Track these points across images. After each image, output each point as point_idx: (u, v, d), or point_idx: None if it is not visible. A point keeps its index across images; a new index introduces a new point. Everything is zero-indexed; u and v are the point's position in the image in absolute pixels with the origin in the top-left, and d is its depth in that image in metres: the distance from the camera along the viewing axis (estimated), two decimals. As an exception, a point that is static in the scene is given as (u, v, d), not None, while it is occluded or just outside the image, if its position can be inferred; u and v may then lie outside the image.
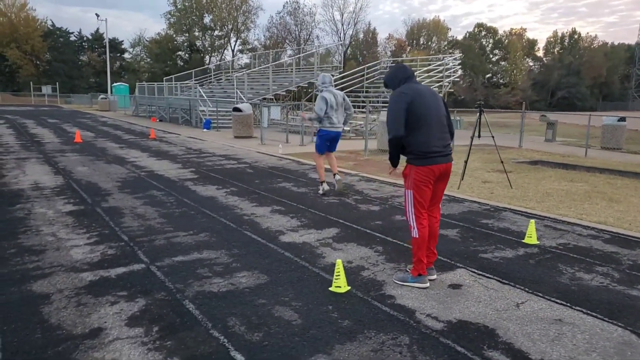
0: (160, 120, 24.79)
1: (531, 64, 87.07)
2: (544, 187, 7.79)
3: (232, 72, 31.64)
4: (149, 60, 68.03)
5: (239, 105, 16.31)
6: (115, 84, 45.87)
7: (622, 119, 15.17)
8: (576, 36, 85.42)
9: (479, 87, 75.00)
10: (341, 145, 14.79)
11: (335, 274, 3.69)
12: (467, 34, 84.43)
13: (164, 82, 28.49)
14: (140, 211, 6.06)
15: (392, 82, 3.88)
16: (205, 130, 18.80)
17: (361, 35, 77.17)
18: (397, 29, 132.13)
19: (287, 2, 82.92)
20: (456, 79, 21.06)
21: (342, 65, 23.60)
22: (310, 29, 69.41)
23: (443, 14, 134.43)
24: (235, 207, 6.33)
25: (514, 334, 2.99)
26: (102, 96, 39.62)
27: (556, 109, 71.02)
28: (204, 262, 4.27)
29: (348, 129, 17.03)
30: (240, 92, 21.59)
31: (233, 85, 24.83)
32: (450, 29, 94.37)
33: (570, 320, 3.18)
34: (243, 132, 16.22)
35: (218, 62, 59.63)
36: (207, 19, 65.50)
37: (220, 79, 31.67)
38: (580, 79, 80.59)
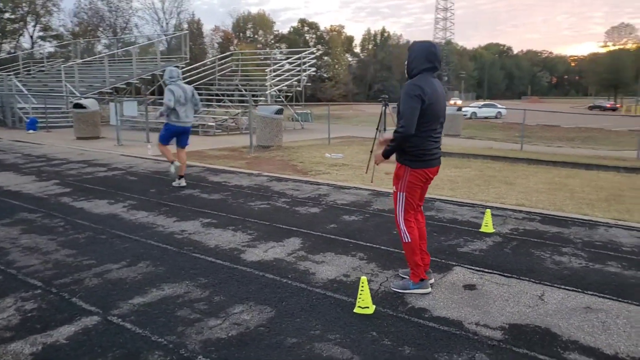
0: (-42, 121, 20.00)
1: (350, 59, 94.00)
2: (440, 174, 8.28)
3: (48, 62, 27.17)
4: None
5: (82, 101, 14.03)
6: None
7: (460, 109, 17.24)
8: (386, 34, 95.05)
9: (300, 80, 78.43)
10: (213, 142, 13.86)
11: (359, 293, 3.26)
12: (292, 29, 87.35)
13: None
14: (27, 243, 4.65)
15: (411, 64, 3.41)
16: (30, 131, 15.72)
17: (185, 26, 73.77)
18: (223, 21, 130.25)
19: (96, -15, 74.55)
20: (312, 73, 21.41)
21: (187, 55, 21.99)
22: (127, 17, 63.42)
23: (262, 7, 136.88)
24: (153, 224, 5.30)
25: (568, 330, 2.98)
26: None
27: (374, 101, 78.28)
28: (175, 300, 3.40)
29: (212, 124, 16.04)
30: (71, 85, 18.64)
31: (56, 77, 21.43)
32: (275, 22, 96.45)
33: (597, 306, 3.31)
34: (89, 132, 14.01)
35: (13, 51, 50.61)
36: (-7, -2, 54.80)
37: (29, 70, 26.90)
38: (391, 73, 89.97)
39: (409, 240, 3.48)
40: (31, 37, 56.46)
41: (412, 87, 3.33)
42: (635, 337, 2.89)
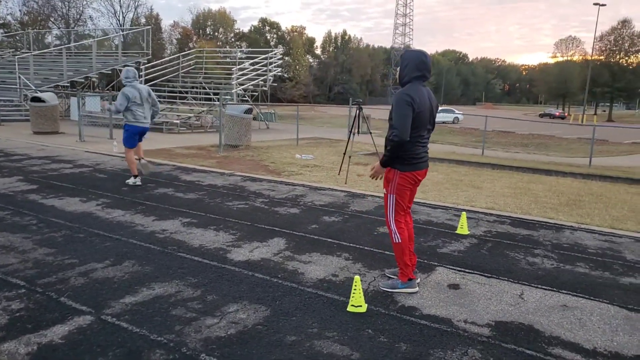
0: None
1: (311, 60, 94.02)
2: (410, 178, 8.52)
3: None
4: None
5: (41, 95, 13.46)
6: None
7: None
8: (346, 37, 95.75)
9: (267, 79, 78.01)
10: (179, 140, 13.59)
11: (352, 292, 3.36)
12: (253, 28, 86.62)
13: None
14: (1, 241, 4.48)
15: (402, 72, 3.54)
16: (-16, 124, 14.96)
17: (143, 20, 71.76)
18: (182, 16, 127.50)
19: (48, -27, 71.38)
20: (278, 74, 21.38)
21: (150, 51, 21.44)
22: (81, 8, 60.87)
23: (222, 5, 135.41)
24: (131, 223, 5.21)
25: (549, 326, 3.18)
26: None
27: (334, 103, 78.80)
28: (168, 299, 3.39)
29: (177, 121, 15.75)
30: (25, 77, 17.82)
31: (7, 68, 20.46)
32: (237, 21, 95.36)
33: (573, 304, 3.55)
34: (47, 127, 13.46)
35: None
36: None
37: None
38: (351, 76, 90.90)
39: (399, 241, 3.62)
40: (-26, 26, 53.21)
41: (404, 96, 3.46)
42: (609, 333, 3.14)
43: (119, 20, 65.32)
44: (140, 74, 19.01)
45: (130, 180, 7.19)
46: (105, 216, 5.45)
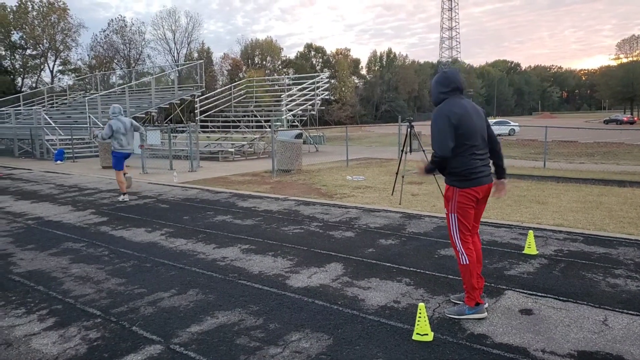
0: (-15, 153, 20.52)
1: (357, 81, 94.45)
2: (469, 195, 8.24)
3: (70, 95, 27.85)
4: (-62, 81, 55.66)
5: (107, 131, 14.29)
6: None
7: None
8: (392, 55, 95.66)
9: (315, 104, 78.91)
10: (234, 168, 13.96)
11: (417, 319, 3.24)
12: (299, 54, 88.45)
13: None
14: (77, 272, 4.72)
15: (436, 92, 3.55)
16: (58, 162, 16.07)
17: (195, 55, 75.21)
18: (231, 48, 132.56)
19: (112, 20, 76.79)
20: (325, 97, 21.65)
21: (203, 84, 22.40)
22: (140, 48, 64.89)
23: (267, 34, 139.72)
24: (193, 251, 5.35)
25: None
26: None
27: (381, 121, 78.49)
28: (232, 328, 3.42)
29: (231, 150, 16.24)
30: (94, 116, 19.04)
31: (78, 109, 21.94)
32: (283, 48, 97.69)
33: (664, 329, 3.24)
34: (113, 161, 14.21)
35: (34, 85, 51.88)
36: (16, 36, 55.84)
37: (52, 103, 27.58)
38: (398, 93, 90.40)
39: (467, 262, 3.46)
40: (51, 71, 57.77)
41: (438, 111, 3.45)
42: None
43: (173, 57, 68.96)
44: (195, 105, 19.82)
45: (120, 197, 8.57)
46: (169, 245, 5.63)
